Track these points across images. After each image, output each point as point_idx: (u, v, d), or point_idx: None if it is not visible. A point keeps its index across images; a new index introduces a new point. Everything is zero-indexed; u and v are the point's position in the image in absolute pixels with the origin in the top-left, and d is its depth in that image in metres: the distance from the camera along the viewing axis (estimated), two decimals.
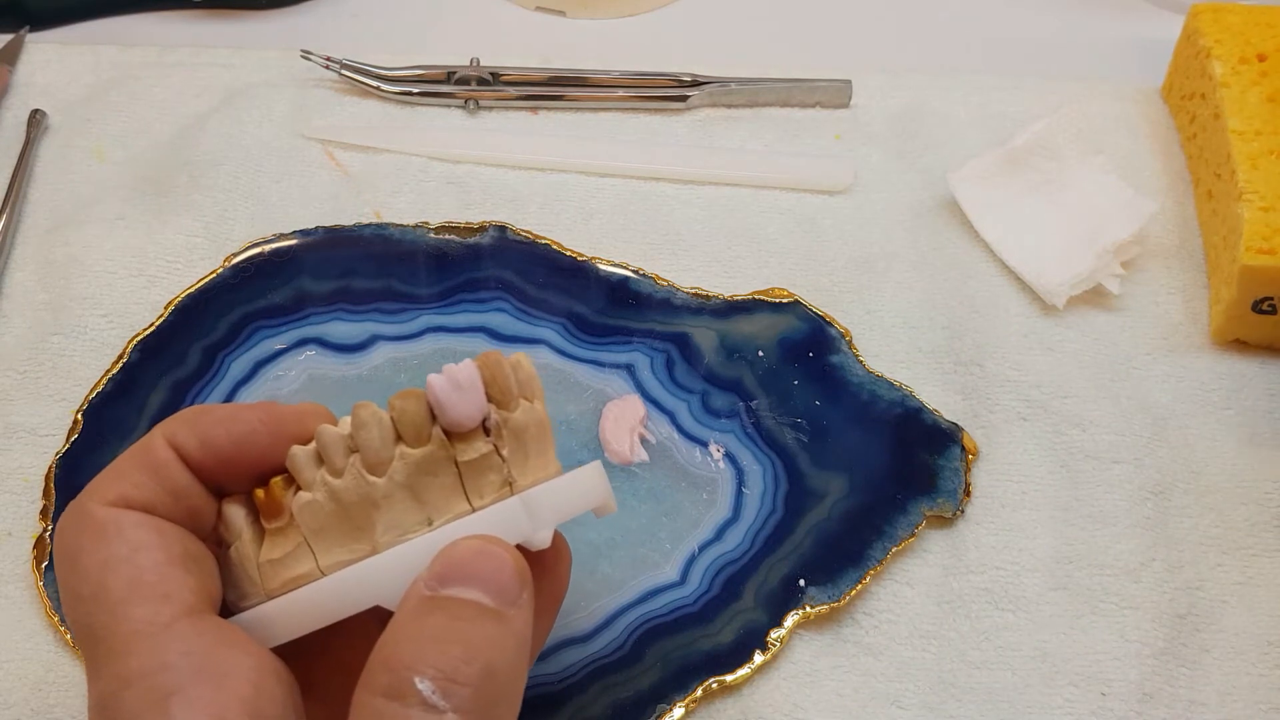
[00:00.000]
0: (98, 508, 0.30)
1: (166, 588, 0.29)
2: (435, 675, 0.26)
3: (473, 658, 0.27)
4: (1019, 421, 0.45)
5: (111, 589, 0.29)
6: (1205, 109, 0.50)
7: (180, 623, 0.28)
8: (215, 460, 0.31)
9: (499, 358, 0.31)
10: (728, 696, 0.40)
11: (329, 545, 0.30)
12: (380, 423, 0.30)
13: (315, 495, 0.30)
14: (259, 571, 0.31)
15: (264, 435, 0.31)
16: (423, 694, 0.26)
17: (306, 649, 0.31)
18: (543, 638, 0.35)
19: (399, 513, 0.30)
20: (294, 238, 0.48)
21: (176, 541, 0.30)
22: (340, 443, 0.30)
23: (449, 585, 0.28)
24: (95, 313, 0.47)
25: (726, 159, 0.52)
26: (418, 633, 0.27)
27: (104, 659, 0.28)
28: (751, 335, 0.46)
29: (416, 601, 0.28)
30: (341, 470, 0.30)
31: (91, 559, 0.29)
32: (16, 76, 0.54)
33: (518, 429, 0.31)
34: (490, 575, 0.28)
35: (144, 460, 0.31)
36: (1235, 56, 0.50)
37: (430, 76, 0.54)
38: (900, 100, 0.54)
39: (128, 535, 0.29)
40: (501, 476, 0.31)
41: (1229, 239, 0.46)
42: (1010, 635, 0.41)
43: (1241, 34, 0.50)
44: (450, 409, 0.30)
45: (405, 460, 0.30)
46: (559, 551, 0.35)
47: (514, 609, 0.28)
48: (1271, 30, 0.50)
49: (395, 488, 0.30)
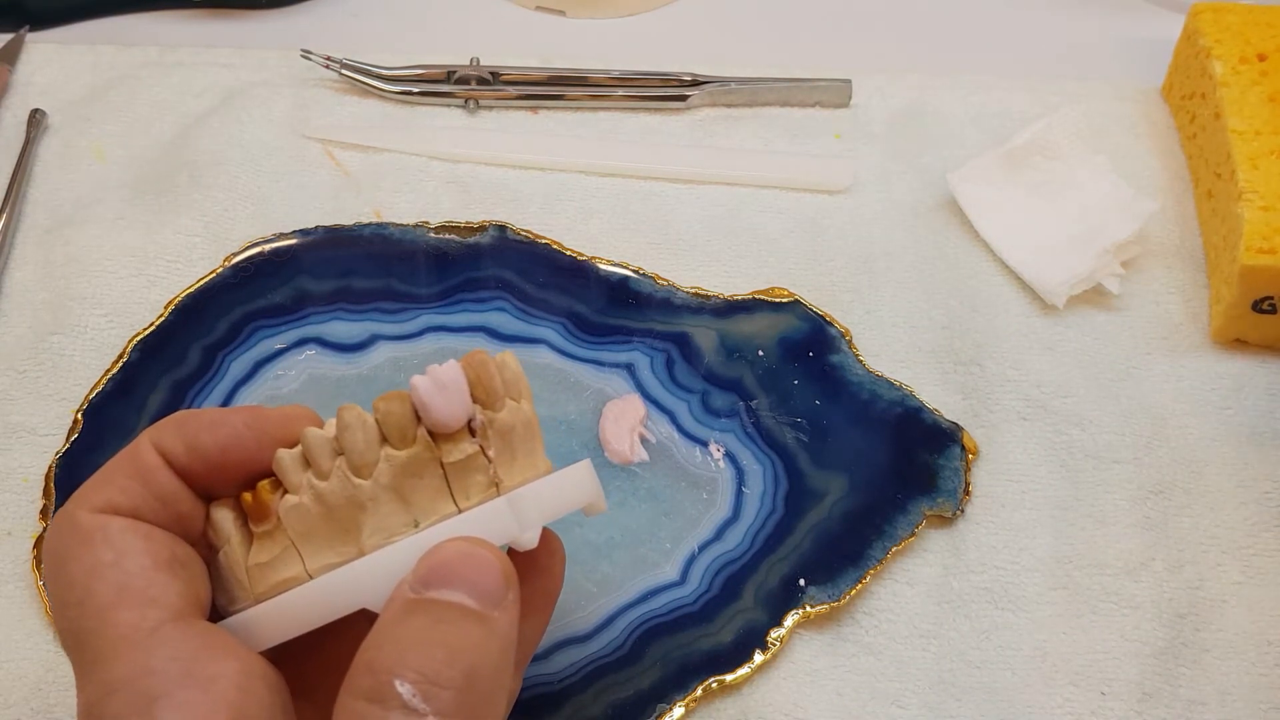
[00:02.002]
0: (85, 514, 0.30)
1: (152, 593, 0.29)
2: (416, 678, 0.26)
3: (455, 660, 0.27)
4: (1019, 421, 0.45)
5: (98, 595, 0.28)
6: (1205, 109, 0.50)
7: (166, 627, 0.28)
8: (202, 464, 0.31)
9: (484, 358, 0.31)
10: (728, 696, 0.40)
11: (316, 548, 0.30)
12: (365, 425, 0.30)
13: (301, 498, 0.30)
14: (247, 575, 0.31)
15: (250, 439, 0.31)
16: (403, 697, 0.26)
17: (300, 651, 0.31)
18: (538, 637, 0.35)
19: (385, 515, 0.30)
20: (294, 237, 0.48)
21: (163, 546, 0.30)
22: (325, 445, 0.30)
23: (433, 588, 0.28)
24: (95, 312, 0.47)
25: (726, 159, 0.52)
26: (400, 635, 0.27)
27: (91, 665, 0.28)
28: (751, 335, 0.46)
29: (401, 604, 0.28)
30: (327, 473, 0.30)
31: (78, 565, 0.29)
32: (16, 76, 0.54)
33: (504, 429, 0.31)
34: (475, 577, 0.28)
35: (131, 466, 0.31)
36: (1235, 56, 0.50)
37: (430, 76, 0.54)
38: (900, 100, 0.54)
39: (114, 541, 0.29)
40: (488, 477, 0.31)
41: (1229, 239, 0.46)
42: (1010, 635, 0.41)
43: (1241, 34, 0.50)
44: (434, 410, 0.30)
45: (390, 462, 0.30)
46: (553, 550, 0.34)
47: (498, 611, 0.28)
48: (1272, 30, 0.50)
49: (381, 490, 0.30)
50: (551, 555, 0.34)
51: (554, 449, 0.43)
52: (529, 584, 0.34)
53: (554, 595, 0.35)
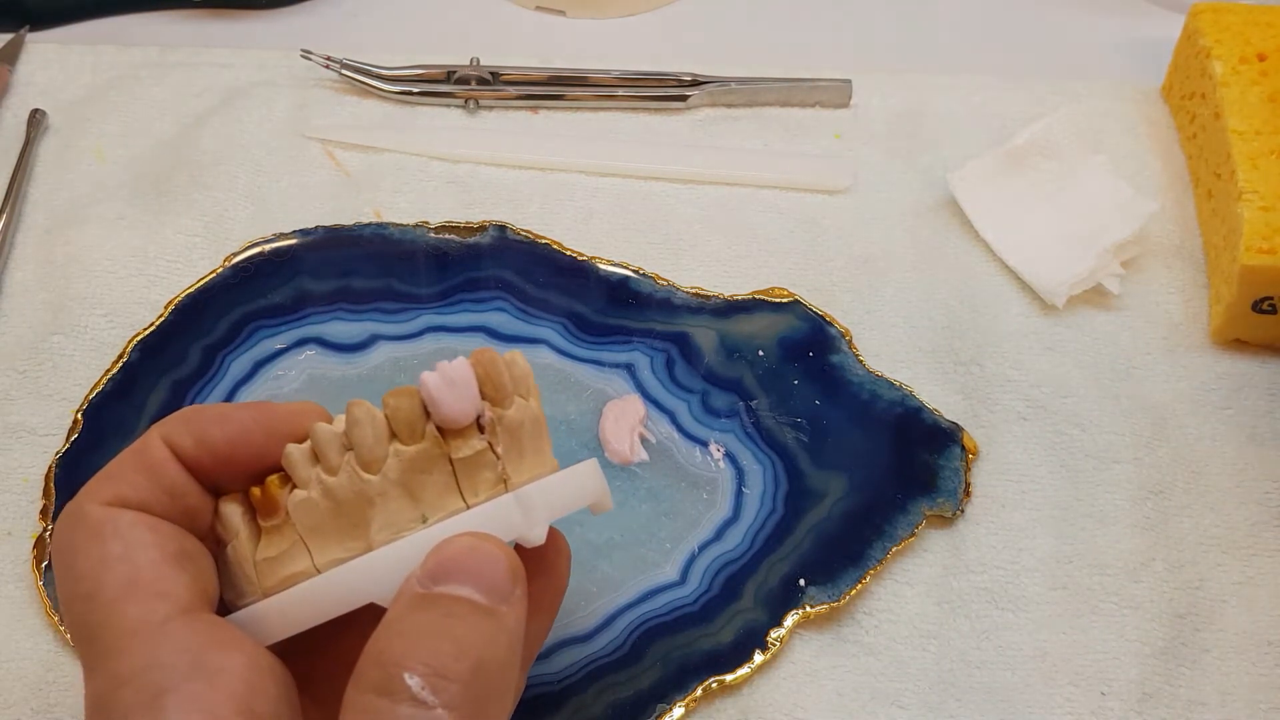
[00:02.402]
0: (94, 507, 0.30)
1: (161, 586, 0.29)
2: (425, 671, 0.26)
3: (463, 654, 0.27)
4: (1019, 421, 0.45)
5: (107, 587, 0.29)
6: (1205, 109, 0.50)
7: (174, 621, 0.28)
8: (211, 459, 0.31)
9: (493, 355, 0.31)
10: (728, 696, 0.40)
11: (324, 543, 0.30)
12: (374, 420, 0.30)
13: (310, 493, 0.30)
14: (255, 569, 0.31)
15: (259, 434, 0.31)
16: (412, 690, 0.26)
17: (308, 646, 0.31)
18: (543, 635, 0.35)
19: (394, 510, 0.30)
20: (294, 237, 0.48)
21: (172, 540, 0.30)
22: (335, 440, 0.30)
23: (441, 582, 0.28)
24: (95, 312, 0.47)
25: (726, 158, 0.52)
26: (409, 629, 0.27)
27: (99, 658, 0.28)
28: (751, 335, 0.46)
29: (409, 598, 0.28)
30: (336, 468, 0.30)
31: (87, 558, 0.29)
32: (16, 76, 0.54)
33: (512, 426, 0.31)
34: (483, 572, 0.28)
35: (140, 460, 0.31)
36: (1235, 56, 0.50)
37: (430, 76, 0.54)
38: (900, 100, 0.54)
39: (123, 534, 0.29)
40: (496, 474, 0.31)
41: (1229, 239, 0.46)
42: (1010, 635, 0.41)
43: (1241, 34, 0.50)
44: (444, 406, 0.30)
45: (399, 457, 0.30)
46: (558, 548, 0.35)
47: (506, 605, 0.28)
48: (1272, 30, 0.50)
49: (390, 485, 0.30)
50: (557, 554, 0.34)
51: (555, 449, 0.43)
52: (535, 582, 0.34)
53: (560, 594, 0.35)
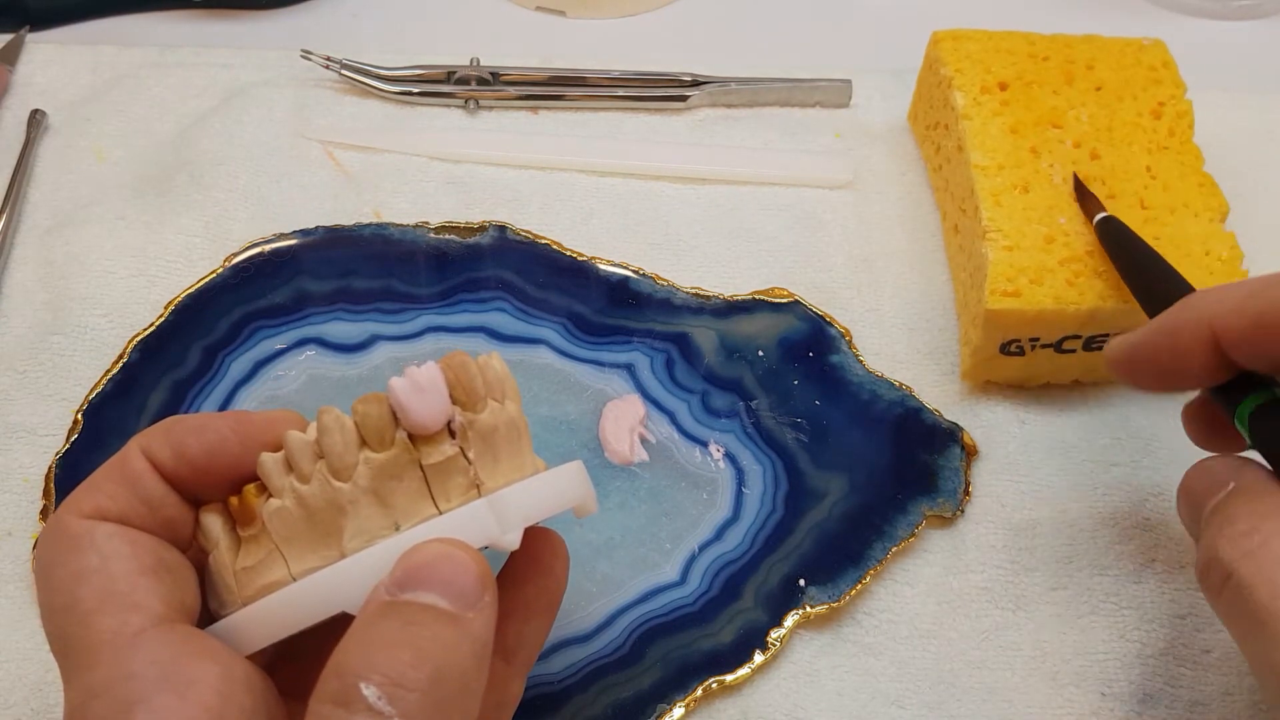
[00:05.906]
0: (73, 520, 0.30)
1: (135, 597, 0.29)
2: (382, 681, 0.26)
3: (422, 662, 0.27)
4: (1019, 422, 0.45)
5: (82, 600, 0.29)
6: (949, 140, 0.48)
7: (148, 632, 0.28)
8: (189, 469, 0.31)
9: (464, 359, 0.31)
10: (728, 696, 0.40)
11: (300, 551, 0.30)
12: (343, 427, 0.30)
13: (284, 502, 0.30)
14: (235, 579, 0.31)
15: (236, 443, 0.31)
16: (368, 700, 0.26)
17: (297, 654, 0.31)
18: (543, 638, 0.34)
19: (366, 518, 0.30)
20: (294, 238, 0.48)
21: (149, 551, 0.30)
22: (306, 449, 0.30)
23: (408, 590, 0.28)
24: (95, 313, 0.47)
25: (726, 159, 0.52)
26: (370, 638, 0.27)
27: (74, 670, 0.28)
28: (751, 335, 0.46)
29: (375, 607, 0.28)
30: (309, 476, 0.30)
31: (64, 570, 0.29)
32: (16, 76, 0.54)
33: (485, 430, 0.31)
34: (449, 579, 0.28)
35: (119, 472, 0.31)
36: (977, 86, 0.47)
37: (430, 76, 0.54)
38: (900, 100, 0.54)
39: (100, 546, 0.29)
40: (468, 479, 0.30)
41: (975, 276, 0.44)
42: (1010, 635, 0.41)
43: (982, 62, 0.48)
44: (412, 412, 0.29)
45: (370, 465, 0.29)
46: (556, 550, 0.34)
47: (473, 612, 0.28)
48: (1012, 57, 0.48)
49: (361, 493, 0.29)
50: (555, 556, 0.34)
51: (554, 449, 0.43)
52: (532, 584, 0.34)
53: (558, 596, 0.35)
